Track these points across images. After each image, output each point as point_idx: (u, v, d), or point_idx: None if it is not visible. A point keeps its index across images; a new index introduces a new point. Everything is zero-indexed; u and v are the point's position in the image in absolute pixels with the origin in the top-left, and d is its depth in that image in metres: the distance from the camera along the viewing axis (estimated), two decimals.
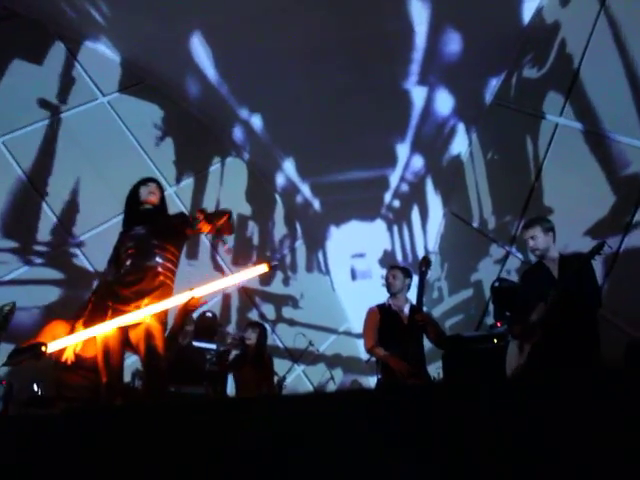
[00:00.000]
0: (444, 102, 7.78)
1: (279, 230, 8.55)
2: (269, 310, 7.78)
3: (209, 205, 7.38)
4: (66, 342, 3.39)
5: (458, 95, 7.69)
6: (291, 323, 7.52)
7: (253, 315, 7.53)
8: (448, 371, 5.41)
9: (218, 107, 7.88)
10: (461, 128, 8.09)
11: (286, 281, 8.15)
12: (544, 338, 3.71)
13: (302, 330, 6.78)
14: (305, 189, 8.85)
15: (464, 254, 7.78)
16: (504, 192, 7.03)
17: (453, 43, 6.89)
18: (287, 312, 7.77)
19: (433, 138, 8.33)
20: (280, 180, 8.80)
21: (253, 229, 8.11)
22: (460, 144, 8.20)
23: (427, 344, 4.69)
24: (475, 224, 7.49)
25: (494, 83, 7.40)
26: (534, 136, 6.37)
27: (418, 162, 8.58)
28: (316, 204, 8.97)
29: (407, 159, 8.54)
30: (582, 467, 1.33)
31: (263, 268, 3.51)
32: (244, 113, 8.04)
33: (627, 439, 1.35)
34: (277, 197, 8.80)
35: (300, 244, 8.71)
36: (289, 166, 8.62)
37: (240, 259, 7.68)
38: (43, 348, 3.20)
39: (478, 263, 7.23)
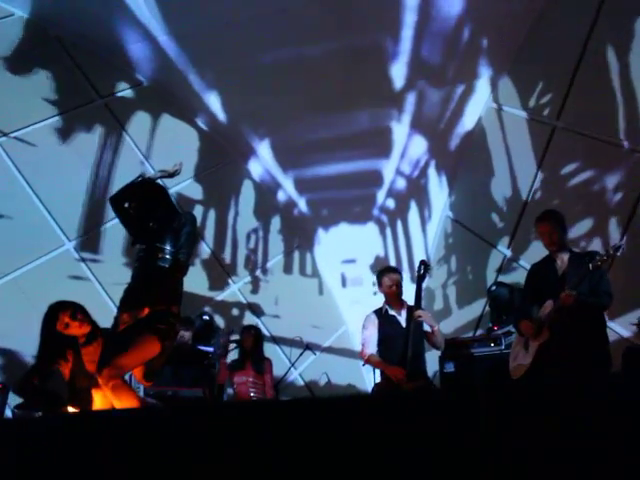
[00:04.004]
0: (456, 51, 6.44)
1: (249, 225, 8.05)
2: (265, 313, 7.74)
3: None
4: None
5: (478, 35, 6.31)
6: (288, 327, 7.47)
7: (249, 319, 7.51)
8: (445, 374, 5.43)
9: (177, 80, 7.06)
10: (483, 82, 6.78)
11: (277, 284, 8.06)
12: (552, 338, 3.67)
13: (299, 334, 6.78)
14: (288, 185, 8.10)
15: (466, 259, 7.45)
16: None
17: None
18: (283, 315, 7.73)
19: (440, 109, 7.10)
20: (256, 169, 8.02)
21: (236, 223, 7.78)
22: (477, 109, 6.92)
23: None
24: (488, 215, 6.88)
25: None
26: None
27: (419, 147, 7.52)
28: (302, 203, 8.28)
29: (405, 144, 7.47)
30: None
31: None
32: (203, 85, 7.11)
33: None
34: (251, 184, 8.11)
35: (293, 247, 8.47)
36: (264, 149, 7.73)
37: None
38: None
39: (479, 268, 7.08)
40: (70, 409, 3.43)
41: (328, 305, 8.42)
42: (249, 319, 7.47)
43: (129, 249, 5.25)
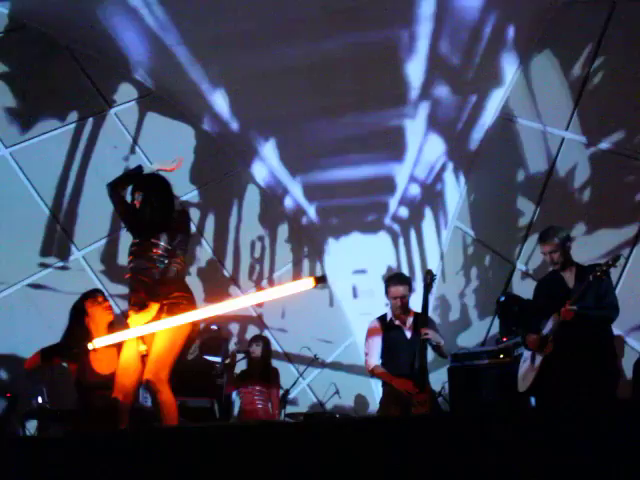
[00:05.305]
0: (476, 46, 6.18)
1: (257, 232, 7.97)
2: (273, 324, 7.70)
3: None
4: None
5: (500, 29, 5.97)
6: (296, 337, 7.41)
7: (256, 329, 7.48)
8: (454, 387, 5.40)
9: (183, 83, 6.96)
10: (503, 81, 6.39)
11: (286, 295, 7.91)
12: (556, 352, 3.69)
13: (307, 344, 6.74)
14: (297, 191, 7.93)
15: (481, 269, 7.20)
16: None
17: None
18: (291, 326, 7.68)
19: (458, 108, 6.73)
20: (261, 173, 7.86)
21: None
22: (496, 107, 6.55)
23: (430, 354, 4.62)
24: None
25: None
26: None
27: (435, 149, 7.19)
28: (311, 211, 8.11)
29: (419, 146, 7.13)
30: None
31: (309, 283, 2.87)
32: (209, 87, 6.95)
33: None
34: (256, 189, 7.98)
35: (301, 256, 8.39)
36: (270, 152, 7.53)
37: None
38: (90, 346, 3.51)
39: (493, 279, 6.90)
40: (90, 345, 3.52)
41: (338, 316, 8.31)
42: (258, 330, 7.45)
43: None
